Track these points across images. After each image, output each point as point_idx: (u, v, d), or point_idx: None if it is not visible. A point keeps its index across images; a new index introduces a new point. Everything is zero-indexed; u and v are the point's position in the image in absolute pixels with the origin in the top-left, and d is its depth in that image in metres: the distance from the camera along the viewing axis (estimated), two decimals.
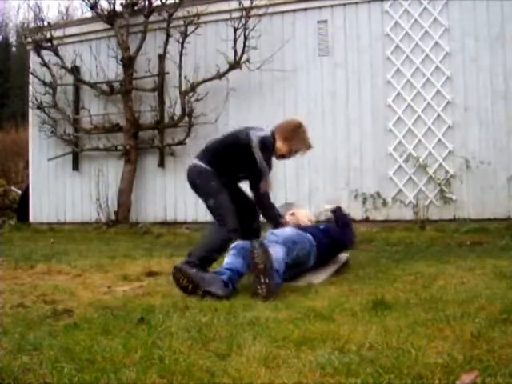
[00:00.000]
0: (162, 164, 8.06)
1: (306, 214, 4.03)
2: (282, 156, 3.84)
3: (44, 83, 8.48)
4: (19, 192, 10.74)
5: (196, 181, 3.64)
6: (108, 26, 8.23)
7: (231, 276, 3.19)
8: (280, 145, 3.77)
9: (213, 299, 2.93)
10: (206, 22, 7.75)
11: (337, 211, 4.18)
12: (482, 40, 6.61)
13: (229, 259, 3.32)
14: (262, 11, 7.31)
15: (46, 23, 8.56)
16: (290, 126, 3.85)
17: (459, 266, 3.76)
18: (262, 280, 3.02)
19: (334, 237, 3.82)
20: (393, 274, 3.60)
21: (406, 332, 2.15)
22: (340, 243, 3.92)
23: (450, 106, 6.73)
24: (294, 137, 3.79)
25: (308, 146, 3.87)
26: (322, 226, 3.89)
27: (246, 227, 3.77)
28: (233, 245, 3.43)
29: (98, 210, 8.11)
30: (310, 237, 3.60)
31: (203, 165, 3.62)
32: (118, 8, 8.23)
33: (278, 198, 6.67)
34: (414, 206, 6.75)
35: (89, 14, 12.06)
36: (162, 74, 7.98)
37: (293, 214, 3.96)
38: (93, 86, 8.30)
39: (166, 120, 7.97)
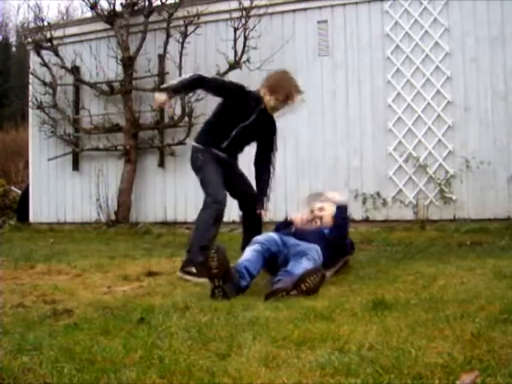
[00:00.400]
0: (162, 164, 8.06)
1: (331, 215, 3.74)
2: (274, 108, 3.93)
3: (44, 83, 8.48)
4: (19, 192, 10.74)
5: (191, 159, 4.00)
6: (108, 26, 8.23)
7: (247, 285, 3.15)
8: (267, 98, 3.87)
9: (213, 299, 2.93)
10: (205, 22, 7.75)
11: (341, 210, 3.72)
12: (481, 40, 6.61)
13: (251, 256, 3.23)
14: (262, 11, 7.31)
15: (45, 23, 8.56)
16: (274, 77, 3.95)
17: (459, 266, 3.75)
18: (300, 288, 2.97)
19: (331, 241, 3.62)
20: (393, 274, 3.59)
21: (406, 332, 2.14)
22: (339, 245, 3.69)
23: (449, 106, 6.73)
24: (279, 87, 3.85)
25: (298, 92, 3.88)
26: (326, 231, 3.66)
27: (247, 213, 4.07)
28: (257, 240, 3.37)
29: (98, 210, 8.11)
30: (319, 252, 3.41)
31: (196, 144, 4.01)
32: (118, 8, 8.24)
33: (278, 198, 6.74)
34: (413, 205, 6.75)
35: (89, 14, 12.07)
36: (162, 74, 7.97)
37: (322, 210, 3.76)
38: (93, 86, 8.30)
39: (166, 120, 7.98)
